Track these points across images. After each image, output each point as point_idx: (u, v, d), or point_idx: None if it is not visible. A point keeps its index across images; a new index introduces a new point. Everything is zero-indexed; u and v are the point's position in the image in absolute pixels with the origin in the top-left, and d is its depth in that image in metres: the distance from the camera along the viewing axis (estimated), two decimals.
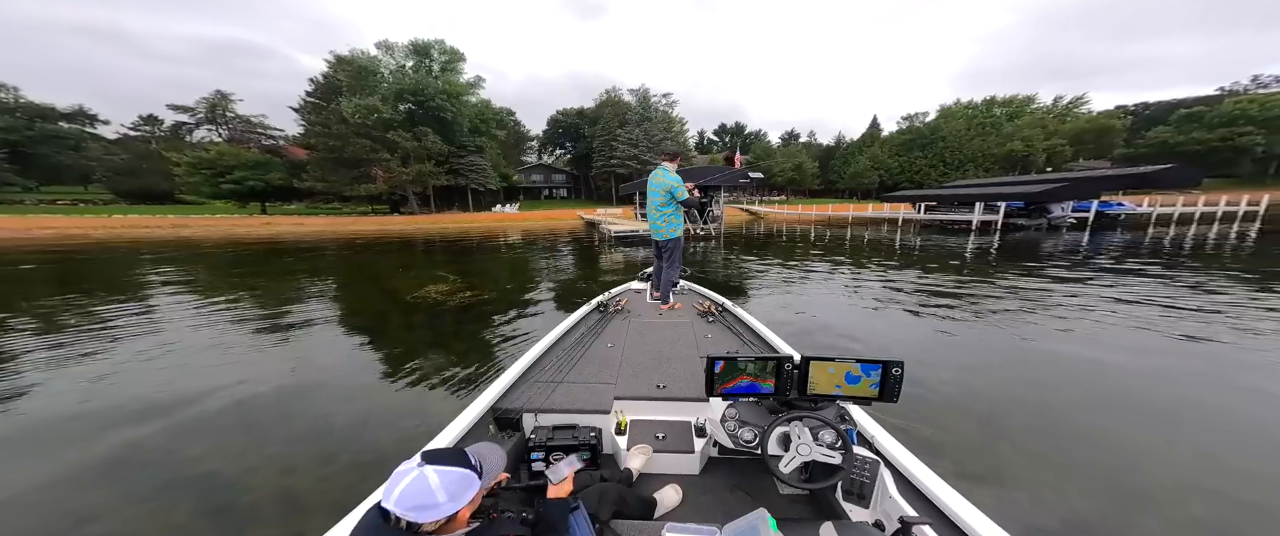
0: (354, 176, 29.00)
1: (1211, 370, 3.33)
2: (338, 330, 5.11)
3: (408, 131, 29.34)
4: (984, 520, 1.03)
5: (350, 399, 3.22)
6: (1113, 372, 3.33)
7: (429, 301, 6.33)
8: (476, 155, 33.72)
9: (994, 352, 3.90)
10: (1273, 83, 41.80)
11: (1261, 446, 2.36)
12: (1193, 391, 3.00)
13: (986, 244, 11.94)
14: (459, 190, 35.34)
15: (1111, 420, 2.63)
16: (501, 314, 5.66)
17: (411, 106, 30.74)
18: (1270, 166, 35.48)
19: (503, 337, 4.66)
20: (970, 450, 2.39)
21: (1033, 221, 17.11)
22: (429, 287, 7.18)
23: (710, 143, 55.53)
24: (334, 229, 23.81)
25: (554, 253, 13.11)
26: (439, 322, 5.38)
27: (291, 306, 6.24)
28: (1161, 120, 40.09)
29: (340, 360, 4.11)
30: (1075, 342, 4.00)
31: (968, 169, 38.03)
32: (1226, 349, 3.73)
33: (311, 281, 8.55)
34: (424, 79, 30.58)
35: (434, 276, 8.51)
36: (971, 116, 40.53)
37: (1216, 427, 2.55)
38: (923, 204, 22.03)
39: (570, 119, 48.01)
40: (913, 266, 8.85)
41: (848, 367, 1.24)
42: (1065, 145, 38.97)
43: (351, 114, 27.38)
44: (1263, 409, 2.76)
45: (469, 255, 12.86)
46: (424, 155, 30.21)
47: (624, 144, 38.90)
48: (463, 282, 7.77)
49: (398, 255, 13.04)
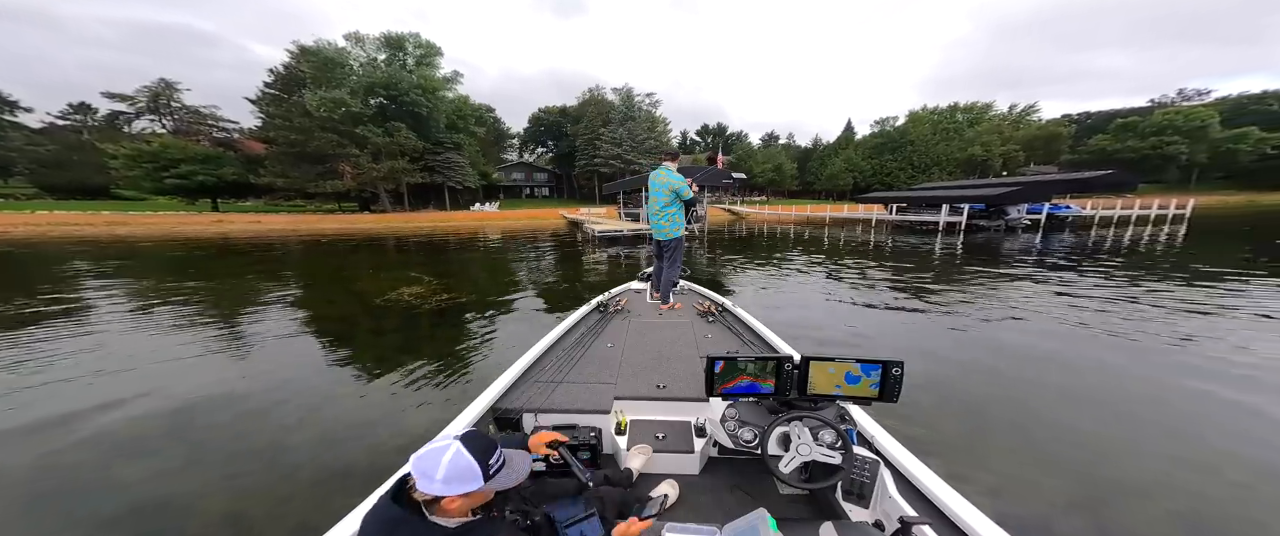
0: (319, 172, 27.12)
1: (1138, 353, 3.77)
2: (298, 336, 4.64)
3: (379, 127, 27.72)
4: (984, 520, 1.02)
5: (312, 410, 2.91)
6: (1057, 357, 3.74)
7: (402, 304, 5.91)
8: (454, 152, 32.31)
9: (956, 343, 4.18)
10: (1195, 96, 46.12)
11: (1168, 413, 2.77)
12: (1123, 375, 3.37)
13: (952, 244, 12.38)
14: (435, 188, 33.80)
15: (1057, 398, 3.03)
16: (481, 317, 5.32)
17: (383, 101, 29.07)
18: (1193, 173, 39.07)
19: (483, 343, 4.35)
20: (924, 424, 2.61)
21: (992, 223, 17.89)
22: (402, 289, 6.75)
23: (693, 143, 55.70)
24: (297, 227, 22.15)
25: (536, 253, 12.60)
26: (412, 327, 4.98)
27: (245, 310, 5.70)
28: (1101, 128, 43.30)
29: (300, 369, 3.70)
30: (1030, 333, 4.40)
31: (934, 172, 39.67)
32: (1151, 338, 4.13)
33: (270, 283, 7.84)
34: (398, 73, 28.99)
35: (407, 277, 7.98)
36: (937, 122, 42.32)
37: (1132, 397, 3.00)
38: (894, 205, 22.71)
39: (552, 117, 46.98)
40: (886, 265, 9.11)
41: (848, 368, 1.22)
42: (1019, 150, 41.48)
43: (316, 107, 25.55)
44: (1175, 384, 3.16)
45: (446, 255, 12.22)
46: (397, 151, 28.64)
47: (608, 143, 38.37)
48: (439, 284, 7.32)
49: (368, 255, 12.25)
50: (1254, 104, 40.47)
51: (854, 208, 28.65)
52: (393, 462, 1.28)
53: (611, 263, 10.39)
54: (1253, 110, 39.65)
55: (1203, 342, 3.91)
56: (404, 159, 28.98)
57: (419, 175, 30.61)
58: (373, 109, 28.76)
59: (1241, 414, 2.69)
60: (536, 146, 52.31)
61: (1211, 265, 7.78)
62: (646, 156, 38.31)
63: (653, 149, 38.84)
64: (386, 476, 1.12)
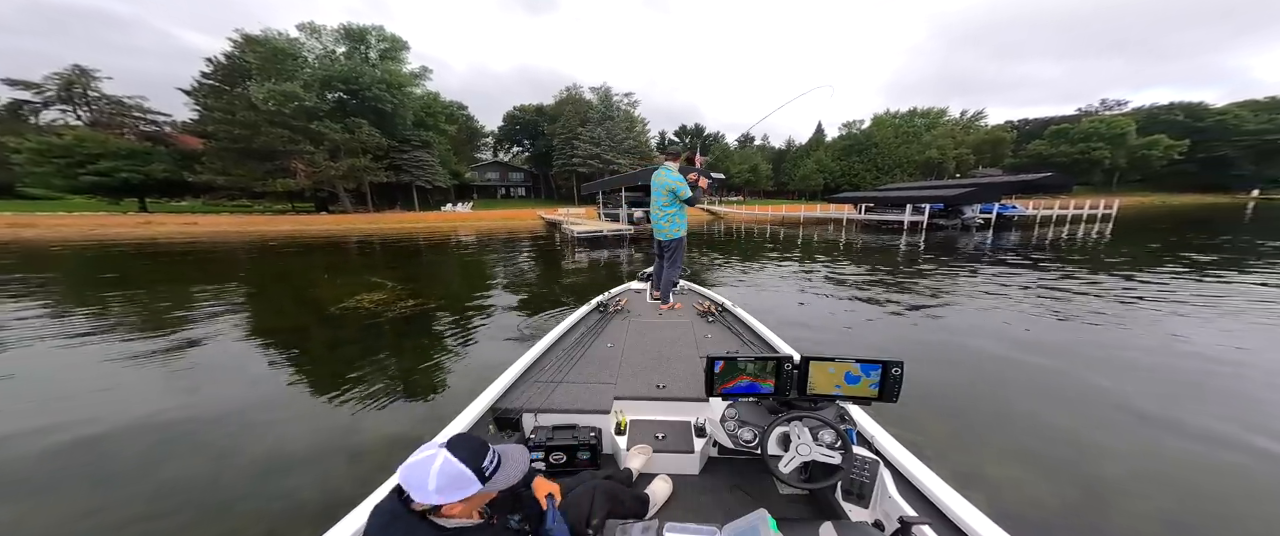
0: (267, 170, 24.61)
1: (1069, 334, 4.23)
2: (236, 351, 4.12)
3: (338, 122, 25.52)
4: (984, 520, 1.01)
5: (251, 437, 2.54)
6: (1020, 340, 4.12)
7: (361, 312, 5.34)
8: (422, 150, 30.37)
9: (924, 329, 4.49)
10: (1115, 106, 50.96)
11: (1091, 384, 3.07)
12: (1061, 354, 3.69)
13: (916, 242, 12.71)
14: (403, 187, 31.70)
15: (1000, 376, 3.30)
16: (452, 325, 4.82)
17: (343, 95, 26.84)
18: (1115, 176, 43.21)
19: (454, 354, 3.93)
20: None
21: (950, 222, 18.59)
22: (361, 296, 6.11)
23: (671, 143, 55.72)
24: (242, 229, 19.83)
25: (512, 255, 11.74)
26: (373, 338, 4.44)
27: (173, 322, 5.00)
28: (1038, 134, 46.92)
29: (239, 388, 3.24)
30: (993, 320, 4.74)
31: (896, 173, 41.37)
32: (1079, 323, 4.58)
33: (204, 291, 6.87)
34: (359, 67, 26.82)
35: (369, 283, 7.24)
36: (898, 125, 44.18)
37: (1061, 363, 3.42)
38: (863, 205, 23.39)
39: (528, 116, 45.49)
40: (857, 262, 9.35)
41: (847, 368, 1.21)
42: (969, 154, 44.23)
43: (264, 100, 23.11)
44: (1099, 360, 3.49)
45: (414, 258, 11.18)
46: (358, 149, 26.51)
47: (586, 143, 37.48)
48: (404, 289, 6.67)
49: (324, 259, 11.04)
50: (1163, 114, 45.22)
51: (826, 207, 29.31)
52: (349, 493, 1.25)
53: (592, 264, 9.81)
54: (1162, 120, 44.27)
55: (1138, 323, 4.47)
56: (366, 157, 26.89)
57: (384, 174, 28.51)
58: (331, 104, 26.50)
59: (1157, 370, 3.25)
60: (512, 146, 50.52)
61: (1136, 258, 8.69)
62: (625, 156, 37.77)
63: (632, 149, 38.32)
64: (339, 508, 1.05)
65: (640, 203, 17.42)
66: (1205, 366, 3.27)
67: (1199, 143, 41.90)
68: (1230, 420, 2.46)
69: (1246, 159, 42.49)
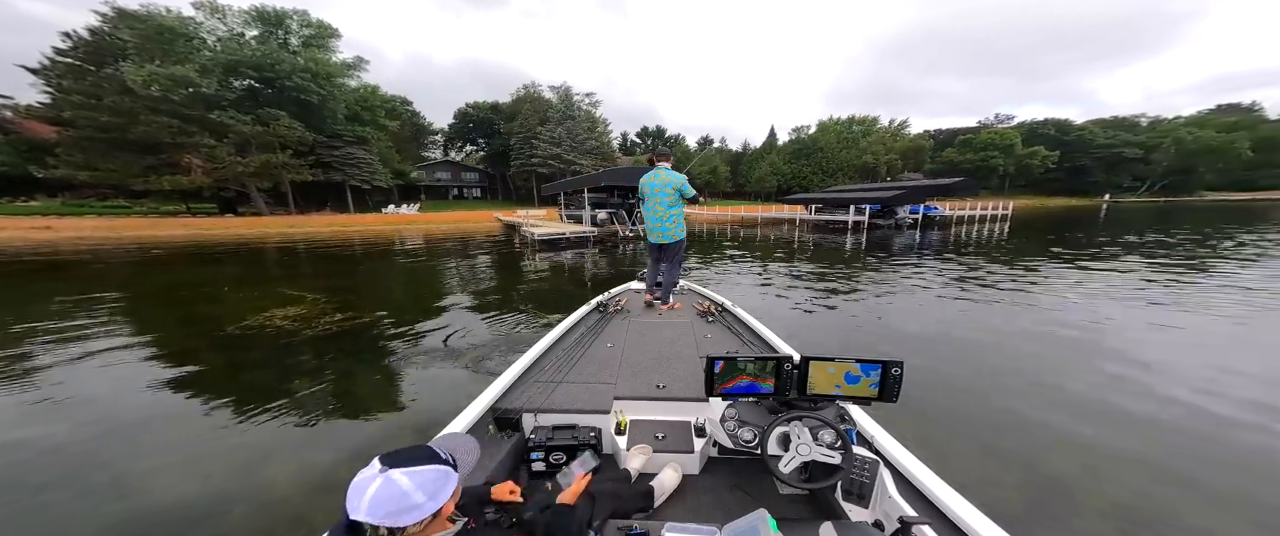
0: (149, 165, 20.37)
1: (975, 314, 4.96)
2: (101, 384, 3.22)
3: (247, 113, 21.86)
4: (984, 520, 1.01)
5: (117, 493, 1.97)
6: (945, 320, 4.79)
7: (270, 331, 4.50)
8: (356, 146, 27.09)
9: (861, 319, 4.96)
10: (1008, 119, 58.74)
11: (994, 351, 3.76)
12: (976, 329, 4.41)
13: (858, 241, 13.52)
14: (334, 187, 28.05)
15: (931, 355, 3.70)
16: (390, 342, 4.16)
17: (254, 83, 23.09)
18: (1006, 181, 50.27)
19: (389, 377, 3.35)
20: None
21: (886, 222, 20.02)
22: (273, 311, 5.19)
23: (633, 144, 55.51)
24: (114, 234, 16.07)
25: (466, 259, 10.50)
26: (288, 360, 3.74)
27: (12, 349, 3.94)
28: (950, 143, 53.40)
29: (92, 430, 2.55)
30: (926, 305, 5.38)
31: (839, 176, 44.36)
32: (982, 304, 5.34)
33: (62, 309, 5.55)
34: (275, 53, 23.19)
35: (284, 295, 6.23)
36: (839, 132, 47.56)
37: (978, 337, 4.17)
38: (813, 206, 24.58)
39: (483, 113, 42.77)
40: (808, 259, 9.76)
41: (847, 367, 1.20)
42: (897, 159, 49.01)
43: (144, 83, 19.05)
44: (990, 338, 4.13)
45: (346, 265, 9.80)
46: (275, 143, 22.91)
47: (545, 142, 35.93)
48: (331, 301, 5.76)
49: (229, 269, 9.30)
50: (1040, 128, 53.24)
51: (780, 208, 30.64)
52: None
53: (554, 268, 9.00)
54: (1040, 133, 52.14)
55: (1035, 304, 5.27)
56: (286, 152, 23.35)
57: (309, 172, 24.98)
58: (239, 92, 22.68)
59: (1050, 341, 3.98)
60: (465, 144, 47.25)
61: (1027, 251, 10.09)
62: (587, 157, 36.81)
63: (594, 149, 37.43)
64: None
65: (604, 204, 16.74)
66: (1079, 331, 4.15)
67: (1066, 154, 49.92)
68: (1094, 372, 3.23)
69: (1099, 168, 51.42)
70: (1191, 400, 2.70)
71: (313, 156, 25.22)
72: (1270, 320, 4.40)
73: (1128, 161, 50.83)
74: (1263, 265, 7.58)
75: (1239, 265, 7.57)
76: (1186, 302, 5.15)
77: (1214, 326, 4.25)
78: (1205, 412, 2.56)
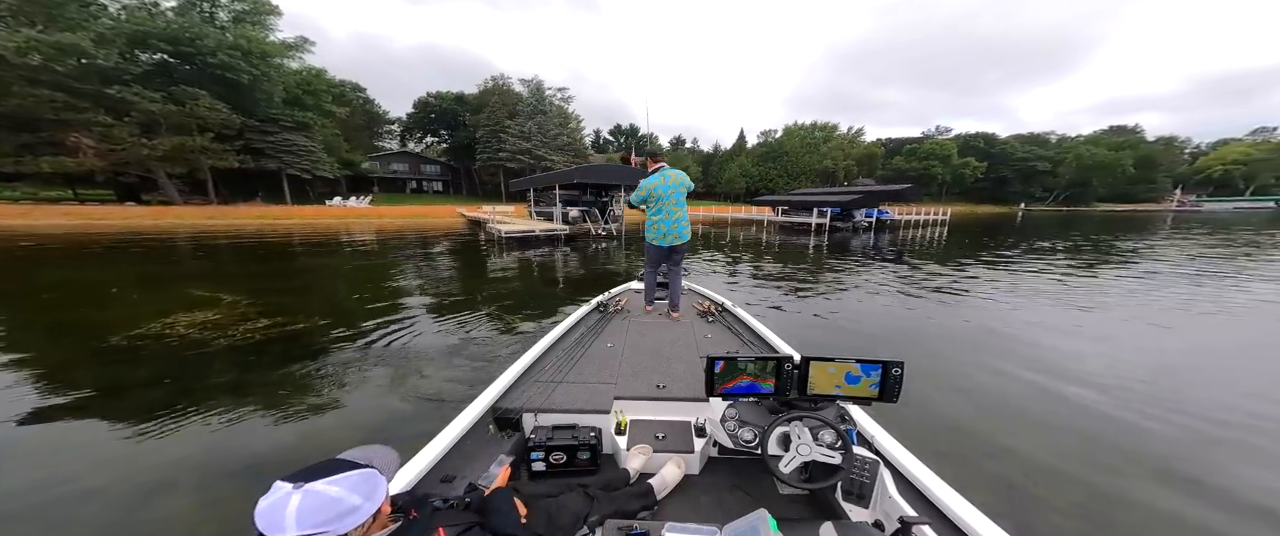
0: (24, 144, 17.05)
1: (924, 306, 5.53)
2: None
3: (157, 90, 18.91)
4: (984, 520, 1.02)
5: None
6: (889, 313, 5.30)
7: (174, 339, 3.81)
8: (296, 133, 24.42)
9: (818, 313, 5.26)
10: (948, 131, 64.98)
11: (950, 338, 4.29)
12: (925, 320, 4.96)
13: (821, 242, 14.11)
14: (269, 176, 25.10)
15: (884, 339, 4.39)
16: (325, 353, 3.55)
17: (168, 58, 20.09)
18: (943, 189, 55.38)
19: (323, 394, 2.83)
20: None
21: (845, 225, 21.14)
22: (176, 317, 4.44)
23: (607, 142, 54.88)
24: None
25: (425, 258, 9.56)
26: (192, 376, 3.08)
27: None
28: (898, 151, 57.92)
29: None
30: (882, 298, 5.96)
31: (802, 180, 46.42)
32: (928, 299, 5.87)
33: None
34: (197, 26, 20.29)
35: (194, 297, 5.38)
36: (804, 136, 49.93)
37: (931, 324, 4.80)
38: (780, 208, 25.47)
39: (447, 104, 40.33)
40: (778, 259, 10.03)
41: (848, 368, 1.20)
42: (854, 165, 52.41)
43: (20, 51, 15.84)
44: (943, 323, 4.79)
45: (279, 263, 8.81)
46: (192, 125, 20.04)
47: (515, 137, 34.50)
48: (255, 304, 5.03)
49: (126, 266, 8.06)
50: (972, 141, 59.23)
51: (749, 209, 31.53)
52: None
53: (523, 267, 8.45)
54: (972, 146, 57.92)
55: (973, 300, 5.83)
56: (206, 135, 20.51)
57: (235, 158, 22.15)
58: (148, 66, 19.61)
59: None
60: (426, 136, 44.35)
61: (965, 252, 11.07)
62: (558, 153, 35.81)
63: (566, 145, 36.49)
64: None
65: (576, 201, 16.23)
66: (1004, 325, 4.61)
67: (992, 165, 55.89)
68: (1010, 356, 3.63)
69: (1017, 179, 57.98)
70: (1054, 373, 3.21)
71: (241, 141, 22.36)
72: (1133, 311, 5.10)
73: (1039, 174, 57.69)
74: (1140, 266, 8.65)
75: (1122, 267, 8.45)
76: (1086, 299, 5.81)
77: (1101, 318, 4.85)
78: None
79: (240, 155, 22.43)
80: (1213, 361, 3.56)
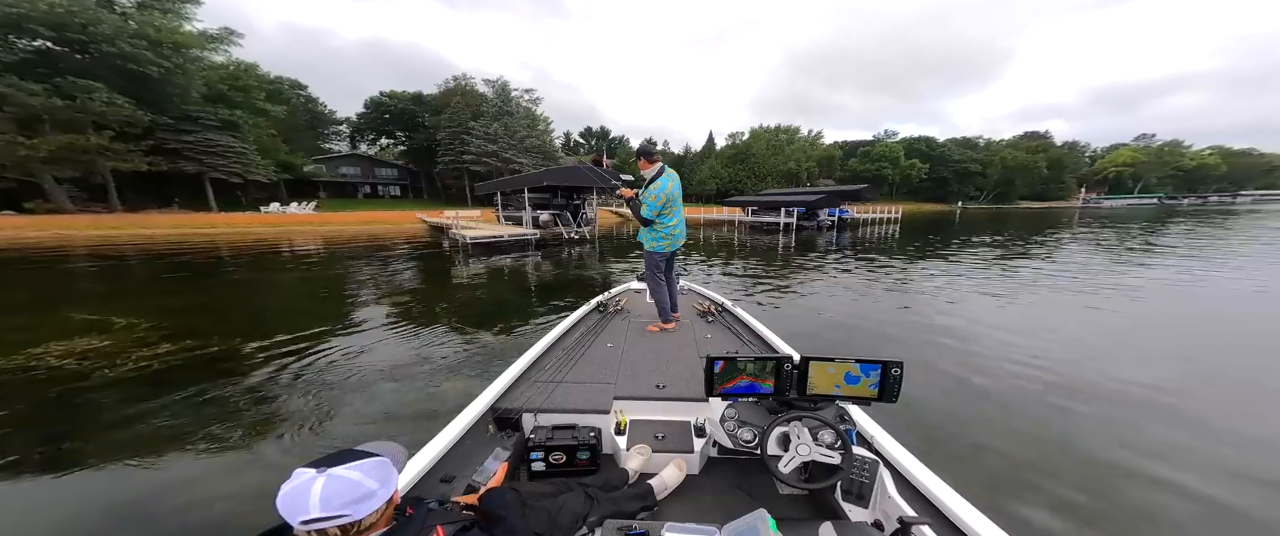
0: None
1: (887, 297, 6.13)
2: None
3: (41, 82, 16.02)
4: (983, 520, 1.02)
5: None
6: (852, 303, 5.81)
7: (44, 373, 3.14)
8: (220, 132, 21.74)
9: (790, 305, 5.74)
10: (892, 135, 69.64)
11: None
12: (884, 308, 5.48)
13: (789, 241, 14.68)
14: (190, 179, 22.14)
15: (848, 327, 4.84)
16: (237, 382, 3.00)
17: (51, 46, 17.12)
18: (893, 189, 59.82)
19: (240, 437, 2.33)
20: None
21: (810, 224, 22.15)
22: (49, 345, 3.71)
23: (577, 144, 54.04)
24: None
25: (381, 268, 8.64)
26: (66, 415, 2.53)
27: None
28: (853, 154, 61.91)
29: None
30: (846, 291, 6.51)
31: (769, 181, 48.25)
32: (894, 291, 6.48)
33: None
34: (90, 11, 17.36)
35: (78, 321, 4.47)
36: (769, 138, 51.84)
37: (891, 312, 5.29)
38: (750, 209, 26.28)
39: (403, 104, 37.82)
40: (750, 257, 10.37)
41: (847, 368, 1.21)
42: (815, 167, 55.32)
43: None
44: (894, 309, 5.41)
45: (197, 279, 7.68)
46: (85, 122, 17.18)
47: (479, 138, 32.93)
48: (159, 328, 4.29)
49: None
50: (917, 144, 64.56)
51: (720, 210, 32.21)
52: None
53: (492, 274, 7.90)
54: (916, 149, 63.12)
55: (922, 289, 6.54)
56: (104, 133, 17.67)
57: (143, 160, 19.31)
58: (26, 53, 16.61)
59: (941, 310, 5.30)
60: (380, 137, 41.41)
61: (918, 245, 12.19)
62: (527, 155, 34.64)
63: (535, 148, 35.39)
64: None
65: (547, 205, 15.64)
66: (949, 310, 5.24)
67: (933, 167, 61.35)
68: (964, 336, 4.17)
69: (955, 180, 64.05)
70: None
71: (150, 141, 19.53)
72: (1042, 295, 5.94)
73: (972, 175, 63.97)
74: (1053, 256, 9.78)
75: (1041, 259, 9.45)
76: (1004, 286, 6.54)
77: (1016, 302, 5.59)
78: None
79: (150, 157, 19.55)
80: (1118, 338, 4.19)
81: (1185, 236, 13.58)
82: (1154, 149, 72.28)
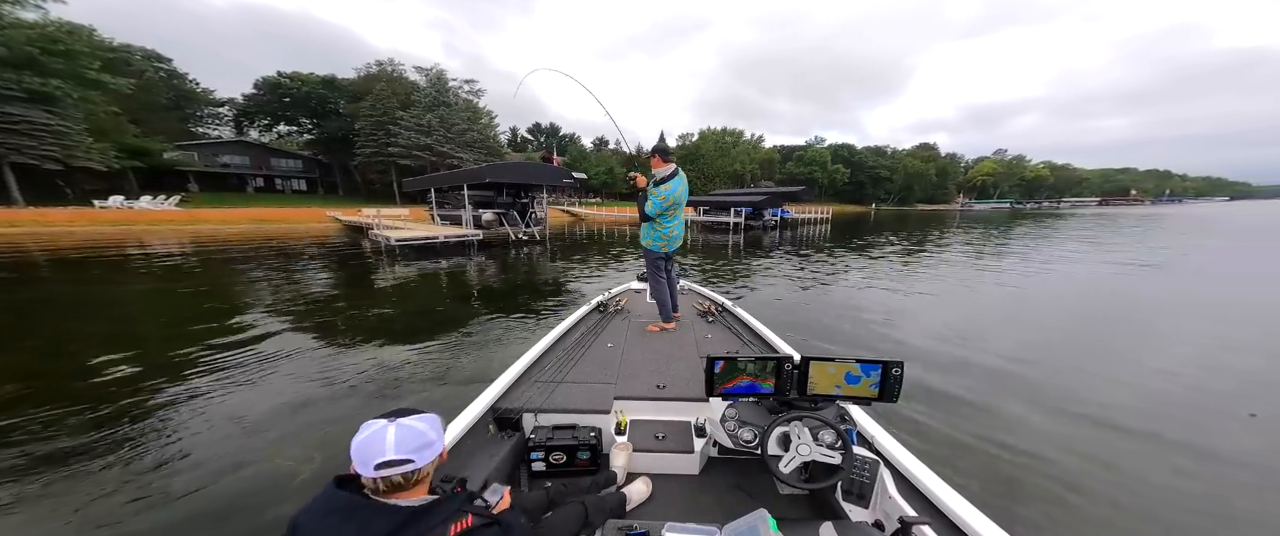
0: None
1: (820, 290, 6.71)
2: None
3: None
4: (984, 520, 1.02)
5: None
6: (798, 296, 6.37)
7: None
8: (29, 105, 16.43)
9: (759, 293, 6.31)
10: (820, 141, 77.70)
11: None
12: (813, 298, 6.20)
13: (738, 239, 15.34)
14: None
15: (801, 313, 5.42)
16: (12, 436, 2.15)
17: None
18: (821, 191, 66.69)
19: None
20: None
21: (757, 223, 23.45)
22: None
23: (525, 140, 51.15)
24: None
25: (267, 276, 7.03)
26: None
27: None
28: (789, 158, 67.83)
29: None
30: (800, 281, 7.17)
31: (717, 181, 50.76)
32: (825, 285, 7.02)
33: None
34: None
35: None
36: (717, 140, 54.19)
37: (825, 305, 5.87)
38: (701, 208, 27.05)
39: (309, 88, 32.32)
40: (705, 255, 10.76)
41: (847, 368, 1.22)
42: (757, 169, 59.29)
43: None
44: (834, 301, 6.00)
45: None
46: None
47: (410, 129, 29.38)
48: None
49: None
50: (841, 150, 72.77)
51: None
52: None
53: (425, 280, 6.87)
54: (840, 155, 71.16)
55: (856, 279, 7.42)
56: None
57: None
58: None
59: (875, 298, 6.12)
60: (277, 123, 35.02)
61: (848, 242, 13.57)
62: (467, 150, 31.76)
63: (476, 142, 32.55)
64: None
65: (491, 203, 14.26)
66: (883, 297, 6.04)
67: (853, 171, 69.71)
68: (889, 324, 4.80)
69: (870, 184, 73.54)
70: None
71: None
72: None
73: (882, 180, 73.95)
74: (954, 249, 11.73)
75: (940, 253, 11.40)
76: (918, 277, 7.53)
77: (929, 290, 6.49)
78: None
79: None
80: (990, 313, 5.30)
81: (1032, 231, 17.09)
82: (1006, 162, 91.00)
